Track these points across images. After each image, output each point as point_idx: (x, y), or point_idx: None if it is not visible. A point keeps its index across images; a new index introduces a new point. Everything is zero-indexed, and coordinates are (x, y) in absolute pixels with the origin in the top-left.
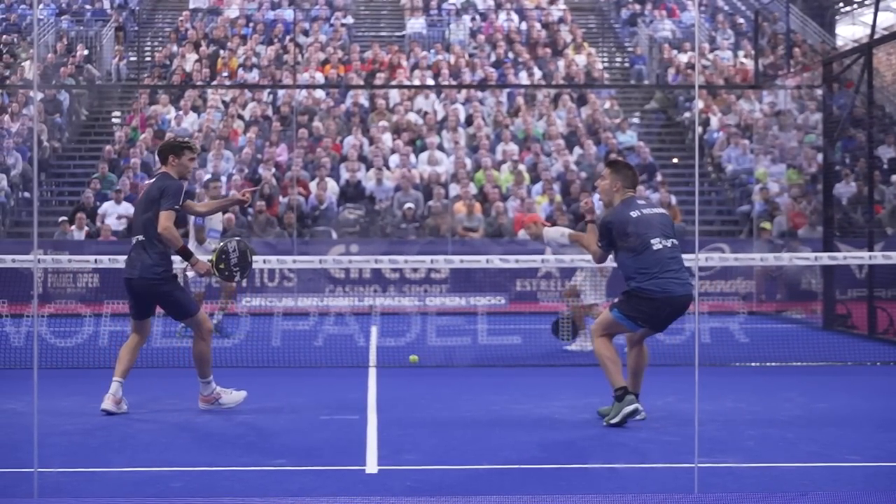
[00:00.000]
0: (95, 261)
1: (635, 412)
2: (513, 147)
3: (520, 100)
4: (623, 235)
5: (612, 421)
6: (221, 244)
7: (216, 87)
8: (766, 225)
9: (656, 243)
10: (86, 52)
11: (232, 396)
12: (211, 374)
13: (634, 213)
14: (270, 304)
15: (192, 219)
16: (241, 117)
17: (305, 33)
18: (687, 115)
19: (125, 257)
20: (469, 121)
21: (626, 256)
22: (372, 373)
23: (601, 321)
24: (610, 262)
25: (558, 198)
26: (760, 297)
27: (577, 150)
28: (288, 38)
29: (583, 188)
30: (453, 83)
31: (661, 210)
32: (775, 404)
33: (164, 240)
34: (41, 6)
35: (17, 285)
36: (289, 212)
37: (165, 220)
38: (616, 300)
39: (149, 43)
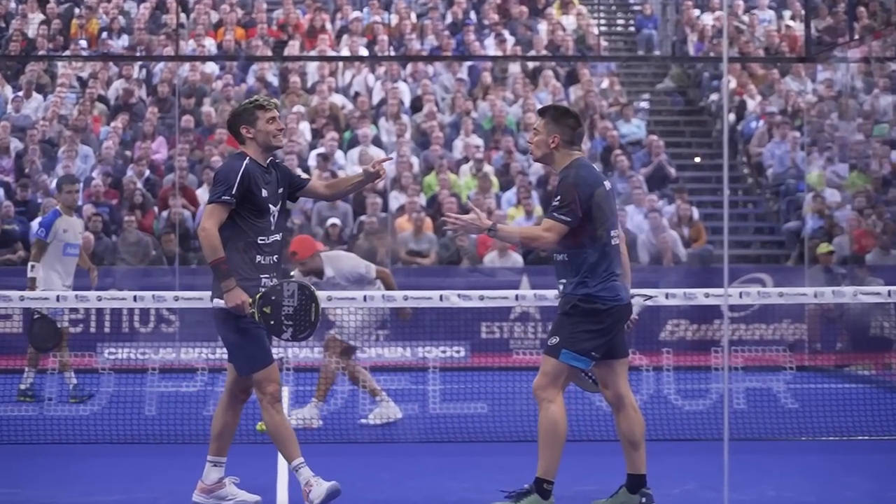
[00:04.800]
0: None
1: None
2: (476, 141)
3: (486, 76)
4: (597, 208)
5: None
6: (276, 283)
7: (69, 59)
8: (824, 248)
9: (615, 236)
10: None
11: (321, 487)
12: (299, 458)
13: (606, 186)
14: (143, 357)
15: (33, 228)
16: (103, 100)
17: None
18: (714, 97)
19: None
20: (416, 105)
21: (575, 245)
22: None
23: (548, 373)
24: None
25: (538, 210)
26: (815, 346)
27: None
28: None
29: None
30: (394, 54)
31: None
32: (834, 493)
33: (201, 244)
34: None
35: None
36: (168, 230)
37: (206, 216)
38: (555, 342)
39: None
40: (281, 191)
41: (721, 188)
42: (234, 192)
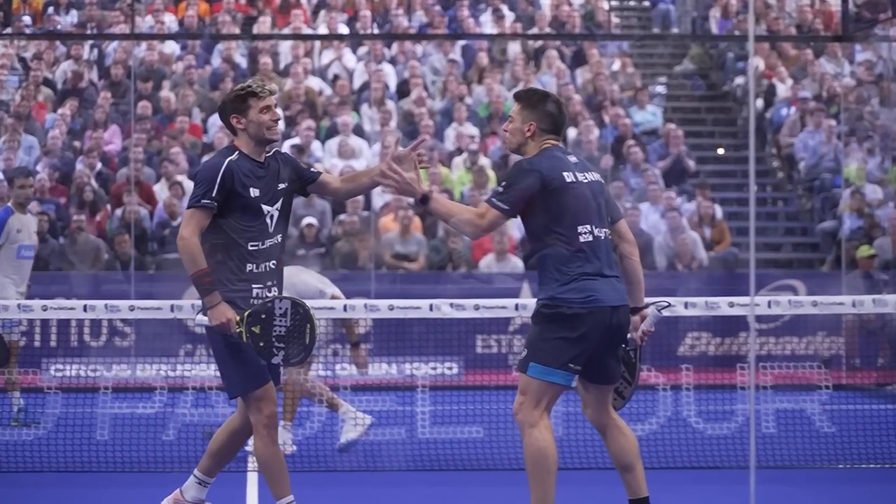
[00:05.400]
0: None
1: None
2: (471, 129)
3: (482, 57)
4: (552, 201)
5: None
6: (267, 300)
7: (10, 38)
8: (864, 251)
9: (585, 232)
10: None
11: None
12: (289, 495)
13: (568, 177)
14: (94, 374)
15: None
16: (48, 84)
17: None
18: (739, 81)
19: None
20: (403, 90)
21: (534, 242)
22: (252, 480)
23: (524, 392)
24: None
25: None
26: (853, 362)
27: (571, 134)
28: None
29: None
30: (378, 32)
31: (597, 176)
32: None
33: (181, 255)
34: None
35: None
36: (123, 231)
37: (184, 223)
38: (523, 354)
39: None
40: (282, 187)
41: (747, 183)
42: (214, 194)
